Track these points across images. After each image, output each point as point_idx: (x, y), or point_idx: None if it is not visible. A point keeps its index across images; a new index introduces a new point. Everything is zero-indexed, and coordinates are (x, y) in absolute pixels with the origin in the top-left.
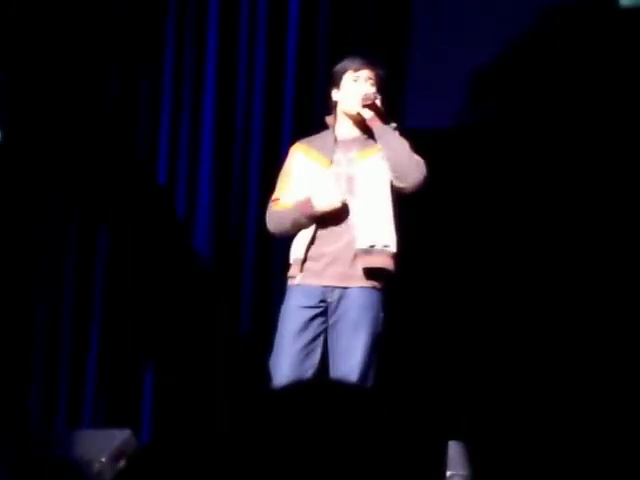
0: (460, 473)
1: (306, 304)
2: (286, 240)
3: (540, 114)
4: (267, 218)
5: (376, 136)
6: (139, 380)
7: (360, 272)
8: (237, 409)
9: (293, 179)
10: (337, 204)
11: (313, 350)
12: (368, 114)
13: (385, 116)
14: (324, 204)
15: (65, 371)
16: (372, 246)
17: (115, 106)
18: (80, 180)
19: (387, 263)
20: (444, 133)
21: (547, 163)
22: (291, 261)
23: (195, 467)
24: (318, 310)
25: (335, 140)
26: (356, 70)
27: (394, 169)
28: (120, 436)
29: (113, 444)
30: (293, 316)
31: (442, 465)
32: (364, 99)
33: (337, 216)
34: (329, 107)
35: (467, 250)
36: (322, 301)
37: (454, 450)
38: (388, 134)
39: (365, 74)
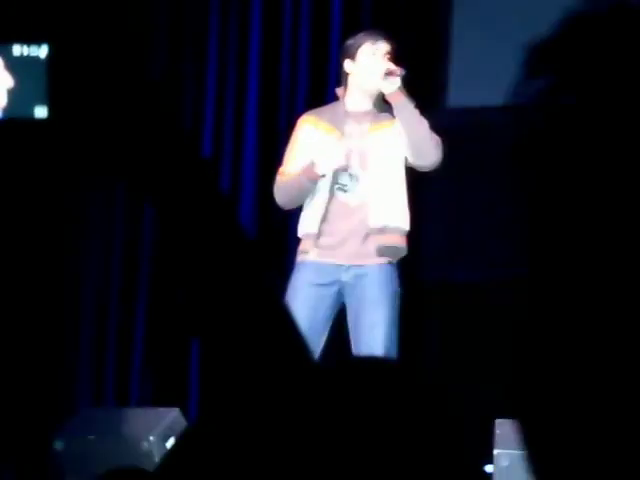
0: (508, 451)
1: (318, 282)
2: None
3: (597, 96)
4: (274, 190)
5: (395, 112)
6: (186, 358)
7: (374, 249)
8: (282, 386)
9: (301, 151)
10: (339, 165)
11: (321, 331)
12: (390, 88)
13: (405, 93)
14: (327, 166)
15: (112, 351)
16: (386, 225)
17: (161, 80)
18: (125, 154)
19: (400, 242)
20: (488, 112)
21: (599, 152)
22: (300, 235)
23: (244, 445)
24: (331, 289)
25: (346, 112)
26: (374, 43)
27: (412, 147)
28: (169, 415)
29: (162, 423)
30: (304, 293)
31: (489, 443)
32: (388, 72)
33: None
34: (340, 79)
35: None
36: (336, 280)
37: (502, 428)
38: (409, 111)
39: (384, 48)
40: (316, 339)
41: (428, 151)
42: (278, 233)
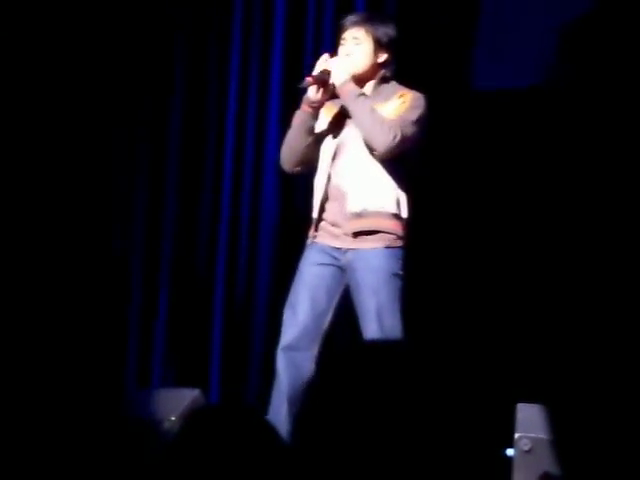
0: (529, 435)
1: (321, 261)
2: None
3: (623, 82)
4: (281, 152)
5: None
6: (207, 341)
7: (352, 232)
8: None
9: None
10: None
11: (322, 310)
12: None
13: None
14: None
15: (134, 333)
16: (364, 209)
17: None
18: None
19: (383, 224)
20: (514, 95)
21: (626, 136)
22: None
23: (261, 425)
24: (332, 269)
25: None
26: (342, 32)
27: (363, 136)
28: (190, 395)
29: (183, 403)
30: (306, 272)
31: (510, 427)
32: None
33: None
34: None
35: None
36: (336, 261)
37: (524, 412)
38: (352, 102)
39: (350, 34)
40: (320, 319)
41: (374, 139)
42: (300, 219)
